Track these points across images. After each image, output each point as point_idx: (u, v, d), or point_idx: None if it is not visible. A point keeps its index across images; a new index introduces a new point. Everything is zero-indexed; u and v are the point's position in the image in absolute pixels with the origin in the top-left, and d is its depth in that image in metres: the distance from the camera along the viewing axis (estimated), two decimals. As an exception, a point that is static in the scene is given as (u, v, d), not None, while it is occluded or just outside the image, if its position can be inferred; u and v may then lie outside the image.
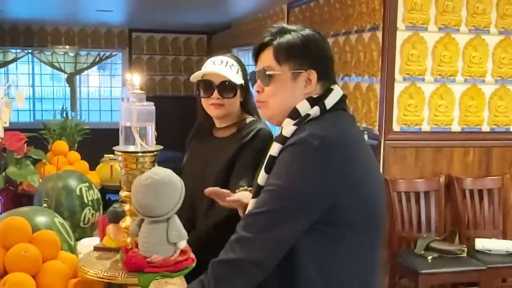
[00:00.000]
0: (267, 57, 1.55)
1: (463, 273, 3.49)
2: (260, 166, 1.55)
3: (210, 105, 2.15)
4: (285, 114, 1.52)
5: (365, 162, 1.50)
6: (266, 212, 1.39)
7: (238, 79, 2.12)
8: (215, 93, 2.11)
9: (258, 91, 1.58)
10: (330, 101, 1.51)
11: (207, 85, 2.14)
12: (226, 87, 2.11)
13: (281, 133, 1.49)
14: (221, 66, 2.14)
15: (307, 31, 1.56)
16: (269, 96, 1.55)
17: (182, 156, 2.35)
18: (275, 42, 1.54)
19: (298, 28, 1.57)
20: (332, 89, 1.54)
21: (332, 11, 4.64)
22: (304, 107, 1.50)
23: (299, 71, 1.52)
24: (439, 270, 3.45)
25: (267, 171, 1.46)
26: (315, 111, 1.49)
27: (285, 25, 1.58)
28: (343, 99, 1.55)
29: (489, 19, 3.93)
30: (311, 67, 1.52)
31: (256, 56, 1.60)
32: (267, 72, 1.53)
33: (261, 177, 1.47)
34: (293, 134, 1.46)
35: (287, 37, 1.54)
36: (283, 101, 1.53)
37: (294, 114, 1.50)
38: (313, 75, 1.52)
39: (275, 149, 1.47)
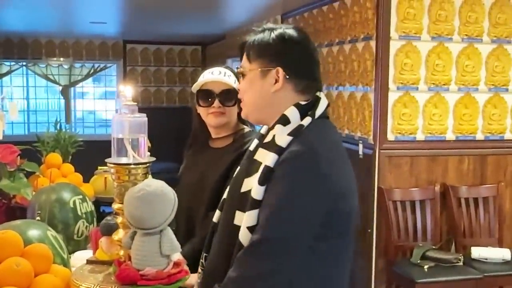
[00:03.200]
0: (244, 56, 1.60)
1: (460, 282, 3.47)
2: (241, 170, 1.54)
3: (210, 114, 2.14)
4: (258, 113, 1.57)
5: (348, 173, 1.51)
6: (275, 239, 1.36)
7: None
8: (216, 102, 2.11)
9: (239, 89, 1.64)
10: (319, 111, 1.51)
11: (207, 94, 2.13)
12: (227, 96, 2.12)
13: (275, 142, 1.46)
14: (221, 76, 2.15)
15: (284, 30, 1.55)
16: (243, 93, 1.60)
17: (176, 167, 2.35)
18: (248, 41, 1.58)
19: (279, 26, 1.57)
20: (320, 98, 1.54)
21: (326, 21, 4.66)
22: (293, 115, 1.49)
23: (268, 69, 1.52)
24: (436, 279, 3.44)
25: (262, 183, 1.42)
26: (308, 121, 1.49)
27: (268, 25, 1.59)
28: (327, 107, 1.56)
29: (481, 28, 3.95)
30: (279, 65, 1.52)
31: (241, 57, 1.66)
32: (237, 70, 1.60)
33: (256, 191, 1.42)
34: (288, 145, 1.44)
35: (260, 36, 1.55)
36: (253, 99, 1.57)
37: (283, 120, 1.49)
38: (280, 73, 1.51)
39: (270, 159, 1.43)
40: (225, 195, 1.67)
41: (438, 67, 3.89)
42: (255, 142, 1.64)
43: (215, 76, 2.13)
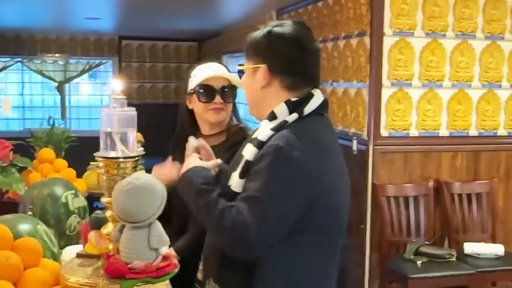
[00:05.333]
0: None
1: (453, 277, 3.49)
2: (231, 166, 1.57)
3: (210, 110, 2.12)
4: (254, 107, 1.62)
5: (336, 170, 1.53)
6: (257, 232, 1.38)
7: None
8: (217, 98, 2.10)
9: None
10: (309, 108, 1.52)
11: (208, 89, 2.11)
12: (228, 92, 2.11)
13: (257, 136, 1.50)
14: (220, 70, 2.13)
15: (273, 27, 1.57)
16: (243, 90, 1.67)
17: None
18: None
19: (277, 23, 1.59)
20: (313, 95, 1.54)
21: (320, 17, 4.66)
22: (281, 111, 1.51)
23: (256, 66, 1.56)
24: (429, 274, 3.45)
25: (242, 176, 1.46)
26: (293, 117, 1.50)
27: (271, 23, 1.62)
28: (323, 104, 1.55)
29: (475, 24, 3.96)
30: (264, 62, 1.55)
31: None
32: (238, 68, 1.65)
33: (236, 184, 1.47)
34: (268, 139, 1.47)
35: (254, 34, 1.60)
36: (247, 95, 1.63)
37: (270, 116, 1.52)
38: (265, 70, 1.54)
39: (250, 152, 1.47)
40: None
41: (432, 63, 3.90)
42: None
43: (216, 71, 2.12)
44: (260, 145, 1.47)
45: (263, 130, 1.49)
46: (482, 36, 3.98)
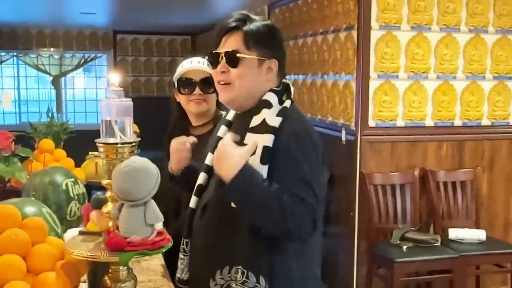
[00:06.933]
0: (235, 41, 1.63)
1: (437, 261, 3.63)
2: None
3: (191, 101, 2.26)
4: (246, 99, 1.64)
5: None
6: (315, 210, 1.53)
7: None
8: (197, 89, 2.23)
9: (223, 72, 1.64)
10: (291, 95, 1.67)
11: (188, 82, 2.25)
12: (207, 83, 2.24)
13: (267, 124, 1.57)
14: (200, 64, 2.27)
15: (270, 22, 1.69)
16: (236, 78, 1.62)
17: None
18: (244, 28, 1.62)
19: (260, 18, 1.68)
20: (288, 84, 1.68)
21: (310, 12, 4.78)
22: (274, 99, 1.62)
23: (264, 58, 1.63)
24: (414, 258, 3.59)
25: (265, 162, 1.53)
26: (289, 103, 1.63)
27: (249, 13, 1.68)
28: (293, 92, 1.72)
29: (459, 18, 4.09)
30: (274, 56, 1.64)
31: (219, 39, 1.67)
32: (238, 55, 1.61)
33: (260, 170, 1.53)
34: (280, 125, 1.58)
35: (256, 25, 1.64)
36: (248, 85, 1.62)
37: (267, 104, 1.61)
38: (275, 64, 1.64)
39: (269, 140, 1.54)
40: (200, 181, 1.78)
41: (417, 55, 4.03)
42: (223, 128, 1.76)
43: (195, 65, 2.26)
44: (275, 131, 1.55)
45: (271, 117, 1.58)
46: (465, 29, 4.11)
